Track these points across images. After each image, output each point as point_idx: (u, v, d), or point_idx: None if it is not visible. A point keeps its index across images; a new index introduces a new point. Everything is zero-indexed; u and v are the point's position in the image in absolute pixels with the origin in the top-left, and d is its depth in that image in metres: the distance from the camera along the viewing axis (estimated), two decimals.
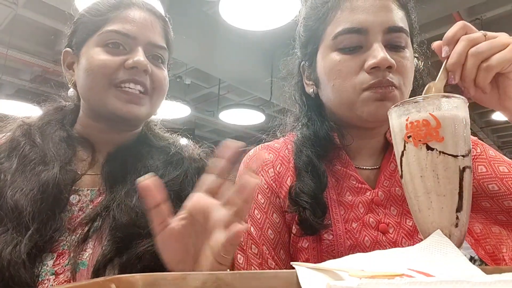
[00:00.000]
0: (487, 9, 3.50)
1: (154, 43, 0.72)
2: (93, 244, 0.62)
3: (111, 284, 0.34)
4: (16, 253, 0.55)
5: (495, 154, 0.69)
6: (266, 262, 0.64)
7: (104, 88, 0.68)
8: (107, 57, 0.68)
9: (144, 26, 0.71)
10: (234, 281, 0.37)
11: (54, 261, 0.60)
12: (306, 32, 0.73)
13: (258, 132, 3.47)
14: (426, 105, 0.42)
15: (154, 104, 0.74)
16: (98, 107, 0.70)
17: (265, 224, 0.66)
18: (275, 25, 2.47)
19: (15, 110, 3.80)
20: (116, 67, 0.68)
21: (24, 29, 3.92)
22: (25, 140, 0.69)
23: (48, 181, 0.63)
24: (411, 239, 0.65)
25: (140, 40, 0.70)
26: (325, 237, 0.64)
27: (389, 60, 0.60)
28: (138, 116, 0.70)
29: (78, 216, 0.65)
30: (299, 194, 0.64)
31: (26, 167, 0.65)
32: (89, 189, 0.69)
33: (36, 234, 0.58)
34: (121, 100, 0.68)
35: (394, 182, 0.69)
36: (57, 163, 0.66)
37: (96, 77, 0.67)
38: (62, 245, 0.61)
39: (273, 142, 0.76)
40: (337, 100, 0.67)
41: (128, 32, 0.69)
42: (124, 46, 0.69)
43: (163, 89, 0.75)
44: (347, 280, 0.33)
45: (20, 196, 0.60)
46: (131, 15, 0.71)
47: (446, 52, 0.51)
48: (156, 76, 0.72)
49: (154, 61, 0.73)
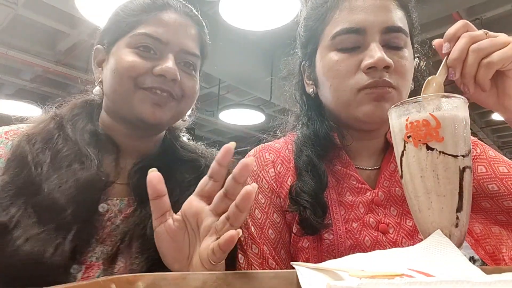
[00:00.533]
0: (487, 9, 3.49)
1: (187, 50, 0.69)
2: (123, 257, 0.60)
3: (111, 284, 0.34)
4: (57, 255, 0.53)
5: (495, 154, 0.69)
6: (266, 262, 0.64)
7: (129, 90, 0.65)
8: (136, 59, 0.65)
9: (178, 31, 0.68)
10: (234, 281, 0.37)
11: (83, 274, 0.58)
12: (306, 32, 0.73)
13: (258, 132, 3.48)
14: (426, 105, 0.42)
15: (180, 111, 0.71)
16: (122, 108, 0.68)
17: (265, 224, 0.66)
18: (275, 25, 2.47)
19: (15, 110, 3.80)
20: (144, 71, 0.65)
21: (24, 29, 3.91)
22: (58, 133, 0.67)
23: (86, 181, 0.61)
24: (411, 239, 0.65)
25: (172, 46, 0.67)
26: (326, 237, 0.64)
27: (386, 60, 0.60)
28: (162, 119, 0.67)
29: (106, 227, 0.63)
30: (300, 194, 0.64)
31: (61, 162, 0.62)
32: (118, 198, 0.66)
33: (77, 237, 0.57)
34: (147, 103, 0.65)
35: (394, 183, 0.69)
36: (94, 162, 0.63)
37: (122, 79, 0.65)
38: (90, 256, 0.60)
39: (274, 142, 0.76)
40: (334, 100, 0.67)
41: (160, 37, 0.66)
42: (155, 51, 0.67)
43: (192, 97, 0.72)
44: (347, 280, 0.33)
45: (58, 194, 0.58)
46: (166, 19, 0.68)
47: (447, 49, 0.51)
48: (185, 84, 0.69)
49: (185, 68, 0.70)
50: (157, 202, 0.47)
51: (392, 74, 0.62)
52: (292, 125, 0.79)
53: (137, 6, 0.69)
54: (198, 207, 0.47)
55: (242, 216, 0.45)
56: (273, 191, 0.68)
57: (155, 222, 0.47)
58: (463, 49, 0.50)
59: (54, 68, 4.55)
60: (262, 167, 0.70)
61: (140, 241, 0.61)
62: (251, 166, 0.45)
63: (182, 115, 0.74)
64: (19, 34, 3.96)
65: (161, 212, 0.47)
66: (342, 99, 0.65)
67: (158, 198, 0.47)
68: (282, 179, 0.69)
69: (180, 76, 0.67)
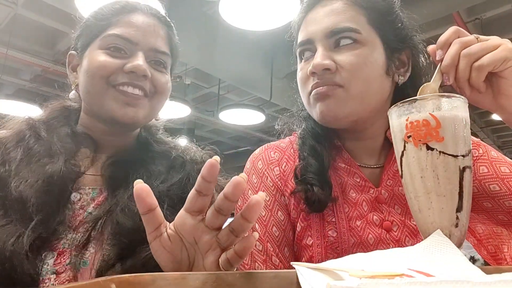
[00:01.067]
0: (487, 9, 3.50)
1: (156, 49, 0.72)
2: (95, 243, 0.62)
3: (111, 284, 0.34)
4: (19, 244, 0.55)
5: (497, 155, 0.69)
6: (270, 259, 0.64)
7: (102, 89, 0.68)
8: (107, 58, 0.68)
9: (146, 31, 0.71)
10: (234, 281, 0.37)
11: (54, 260, 0.60)
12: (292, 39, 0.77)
13: (258, 132, 3.49)
14: (426, 105, 0.42)
15: (154, 108, 0.74)
16: (96, 108, 0.70)
17: (270, 222, 0.67)
18: (275, 25, 2.47)
19: (15, 110, 3.80)
20: (115, 69, 0.68)
21: (24, 29, 3.92)
22: (31, 133, 0.69)
23: (53, 173, 0.63)
24: (415, 237, 0.65)
25: (141, 45, 0.70)
26: (329, 235, 0.64)
27: (321, 63, 0.63)
28: (135, 118, 0.70)
29: (78, 215, 0.65)
30: (305, 173, 0.66)
31: (31, 158, 0.65)
32: (90, 187, 0.69)
33: (40, 226, 0.58)
34: (119, 102, 0.68)
35: (398, 182, 0.69)
36: (62, 156, 0.66)
37: (94, 78, 0.68)
38: (63, 243, 0.61)
39: (279, 141, 0.78)
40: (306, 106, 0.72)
41: (129, 37, 0.69)
42: (125, 51, 0.69)
43: (164, 93, 0.74)
44: (347, 280, 0.33)
45: (24, 187, 0.60)
46: (134, 20, 0.71)
47: (440, 56, 0.53)
48: (157, 80, 0.72)
49: (156, 66, 0.73)
50: (149, 216, 0.44)
51: (341, 73, 0.64)
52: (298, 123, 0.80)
53: (107, 11, 0.72)
54: (192, 224, 0.44)
55: (249, 226, 0.43)
56: (278, 189, 0.69)
57: (149, 236, 0.45)
58: (455, 54, 0.51)
59: (53, 68, 4.55)
60: (267, 166, 0.72)
61: (112, 228, 0.63)
62: (243, 185, 0.41)
63: (156, 112, 0.76)
64: (18, 34, 3.96)
65: (155, 226, 0.44)
66: (306, 105, 0.71)
67: (150, 212, 0.44)
68: (287, 178, 0.70)
69: (151, 72, 0.70)
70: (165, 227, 0.45)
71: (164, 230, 0.45)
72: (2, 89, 5.45)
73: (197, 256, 0.46)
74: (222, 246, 0.44)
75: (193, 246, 0.45)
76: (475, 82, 0.52)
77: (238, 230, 0.43)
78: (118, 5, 0.72)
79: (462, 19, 3.57)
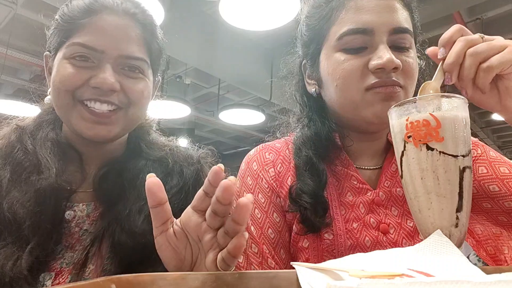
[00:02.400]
0: (487, 9, 3.50)
1: (128, 55, 0.65)
2: (95, 260, 0.61)
3: (111, 284, 0.34)
4: (17, 268, 0.53)
5: (496, 155, 0.69)
6: (266, 262, 0.64)
7: (68, 105, 0.63)
8: (72, 71, 0.62)
9: (115, 36, 0.64)
10: (234, 281, 0.37)
11: (52, 281, 0.58)
12: (309, 31, 0.72)
13: (258, 132, 3.48)
14: (426, 105, 0.42)
15: (131, 119, 0.68)
16: (67, 123, 0.66)
17: (265, 224, 0.66)
18: (275, 25, 2.47)
19: (15, 110, 3.79)
20: (80, 84, 0.62)
21: (24, 29, 3.91)
22: (19, 146, 0.66)
23: (45, 191, 0.60)
24: (412, 239, 0.65)
25: (109, 53, 0.63)
26: (326, 237, 0.64)
27: (395, 61, 0.60)
28: (106, 137, 0.64)
29: (74, 233, 0.63)
30: (300, 195, 0.64)
31: (20, 176, 0.62)
32: (84, 204, 0.66)
33: (37, 248, 0.56)
34: (87, 121, 0.63)
35: (395, 183, 0.69)
36: (52, 171, 0.62)
37: (60, 93, 0.63)
38: (60, 263, 0.60)
39: (274, 142, 0.76)
40: (340, 100, 0.66)
41: (95, 46, 0.62)
42: (92, 59, 0.63)
43: (140, 102, 0.67)
44: (347, 280, 0.33)
45: (18, 208, 0.58)
46: (101, 24, 0.63)
47: (442, 54, 0.51)
48: (130, 90, 0.65)
49: (130, 73, 0.66)
50: (157, 210, 0.44)
51: (400, 74, 0.62)
52: (293, 126, 0.79)
53: (72, 12, 0.65)
54: (197, 222, 0.45)
55: (241, 228, 0.43)
56: (273, 190, 0.68)
57: (155, 230, 0.45)
58: (460, 53, 0.49)
59: None
60: (262, 167, 0.70)
61: (111, 243, 0.61)
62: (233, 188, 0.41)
63: (135, 122, 0.70)
64: (18, 34, 3.96)
65: (162, 221, 0.45)
66: (349, 100, 0.64)
67: (159, 206, 0.44)
68: (282, 179, 0.69)
69: (122, 83, 0.64)
70: (172, 223, 0.46)
71: (170, 225, 0.46)
72: (2, 89, 5.45)
73: (200, 254, 0.46)
74: (220, 247, 0.45)
75: (197, 244, 0.46)
76: (481, 83, 0.50)
77: (231, 232, 0.43)
78: (84, 4, 0.65)
79: (462, 19, 3.57)
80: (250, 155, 0.74)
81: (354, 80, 0.62)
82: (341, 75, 0.63)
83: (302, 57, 0.76)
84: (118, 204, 0.65)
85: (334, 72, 0.65)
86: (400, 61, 0.60)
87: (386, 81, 0.60)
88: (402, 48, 0.63)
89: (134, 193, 0.66)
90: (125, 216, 0.63)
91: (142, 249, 0.60)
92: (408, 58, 0.63)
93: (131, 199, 0.65)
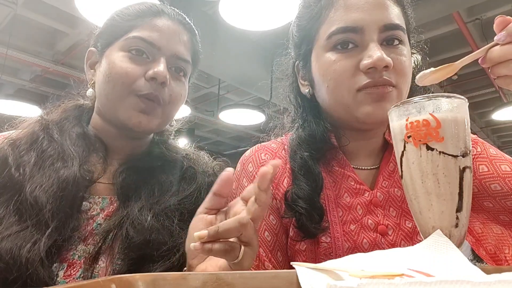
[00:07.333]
0: (487, 9, 3.50)
1: (178, 56, 0.71)
2: (105, 257, 0.61)
3: (112, 284, 0.34)
4: (35, 250, 0.54)
5: (496, 152, 0.68)
6: (262, 265, 0.63)
7: (122, 96, 0.67)
8: (129, 65, 0.67)
9: (170, 36, 0.70)
10: (234, 281, 0.37)
11: (64, 272, 0.59)
12: (299, 32, 0.71)
13: (258, 132, 3.48)
14: (426, 105, 0.42)
15: (167, 116, 0.73)
16: (111, 112, 0.70)
17: (261, 226, 0.65)
18: (275, 25, 2.47)
19: (15, 110, 3.79)
20: (137, 77, 0.67)
21: (24, 29, 3.91)
22: (44, 135, 0.69)
23: (67, 178, 0.62)
24: (410, 240, 0.64)
25: (164, 50, 0.69)
26: (323, 240, 0.63)
27: (385, 59, 0.59)
28: (147, 127, 0.69)
29: (88, 225, 0.64)
30: (295, 200, 0.63)
31: (44, 162, 0.65)
32: (100, 197, 0.68)
33: (56, 232, 0.58)
34: (136, 110, 0.67)
35: (393, 183, 0.68)
36: (76, 161, 0.65)
37: (116, 85, 0.67)
38: (72, 254, 0.60)
39: (270, 142, 0.75)
40: (332, 101, 0.65)
41: (153, 41, 0.68)
42: (147, 55, 0.68)
43: (178, 103, 0.74)
44: (347, 280, 0.33)
45: (40, 192, 0.60)
46: (159, 24, 0.70)
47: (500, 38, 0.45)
48: (173, 89, 0.71)
49: (176, 74, 0.72)
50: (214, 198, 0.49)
51: (391, 73, 0.61)
52: (288, 126, 0.78)
53: (133, 11, 0.71)
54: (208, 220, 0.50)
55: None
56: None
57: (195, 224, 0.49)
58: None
59: (53, 68, 4.55)
60: (258, 169, 0.69)
61: (122, 241, 0.62)
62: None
63: (169, 120, 0.76)
64: (18, 34, 3.96)
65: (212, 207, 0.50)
66: (341, 100, 0.64)
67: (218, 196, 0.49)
68: (278, 181, 0.68)
69: (170, 81, 0.69)
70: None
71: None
72: (2, 89, 5.45)
73: None
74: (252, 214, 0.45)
75: None
76: None
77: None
78: (144, 7, 0.71)
79: (462, 19, 3.57)
80: (246, 156, 0.73)
81: (345, 81, 0.62)
82: (332, 76, 0.63)
83: (295, 58, 0.75)
84: (131, 202, 0.67)
85: (325, 73, 0.64)
86: (391, 59, 0.59)
87: (377, 81, 0.60)
88: (394, 45, 0.62)
89: (147, 192, 0.68)
90: (137, 212, 0.65)
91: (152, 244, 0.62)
92: (400, 55, 0.62)
93: (144, 196, 0.68)
